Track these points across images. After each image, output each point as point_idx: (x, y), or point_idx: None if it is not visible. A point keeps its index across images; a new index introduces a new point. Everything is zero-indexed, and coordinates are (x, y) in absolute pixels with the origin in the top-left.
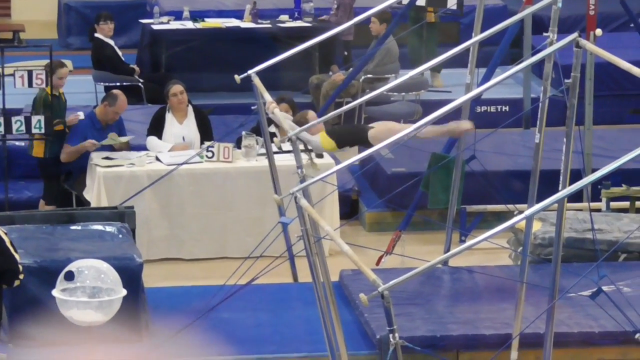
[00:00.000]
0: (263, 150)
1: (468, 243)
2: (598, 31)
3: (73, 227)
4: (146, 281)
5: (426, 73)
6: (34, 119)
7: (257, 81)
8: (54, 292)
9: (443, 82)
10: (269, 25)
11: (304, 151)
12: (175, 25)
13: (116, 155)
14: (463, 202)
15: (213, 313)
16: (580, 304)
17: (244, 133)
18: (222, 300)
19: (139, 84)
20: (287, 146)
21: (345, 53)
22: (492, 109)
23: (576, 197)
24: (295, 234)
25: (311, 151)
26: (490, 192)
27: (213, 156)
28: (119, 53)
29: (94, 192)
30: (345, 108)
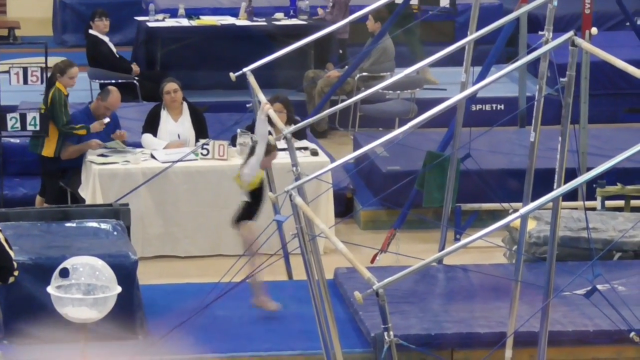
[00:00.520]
0: None
1: (463, 241)
2: (593, 30)
3: (68, 225)
4: (141, 278)
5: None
6: (29, 116)
7: (252, 79)
8: (49, 289)
9: (434, 76)
10: (265, 23)
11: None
12: (170, 22)
13: (111, 152)
14: (458, 201)
15: (208, 310)
16: (574, 303)
17: (239, 131)
18: (217, 297)
19: (134, 81)
20: (282, 144)
21: (340, 51)
22: (488, 108)
23: (571, 196)
24: (290, 232)
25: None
26: (485, 191)
27: (208, 154)
28: (114, 50)
29: (89, 190)
30: (340, 106)
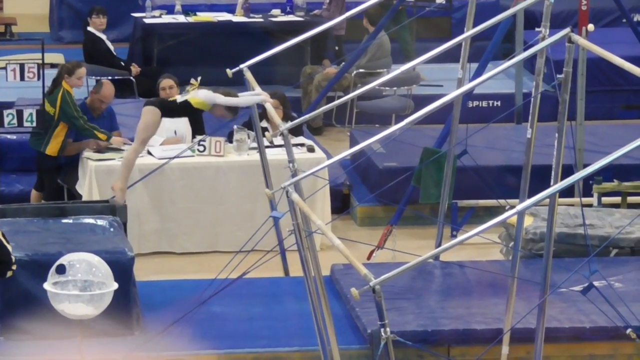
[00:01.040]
0: (255, 144)
1: (459, 238)
2: (590, 26)
3: (65, 221)
4: (137, 275)
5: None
6: (26, 112)
7: (249, 75)
8: (46, 286)
9: (422, 73)
10: (261, 19)
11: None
12: (167, 19)
13: (108, 149)
14: (454, 197)
15: (204, 307)
16: (571, 299)
17: (236, 127)
18: (214, 294)
19: (131, 78)
20: (279, 140)
21: (336, 48)
22: (484, 104)
23: (568, 193)
24: (286, 228)
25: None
26: (481, 187)
27: (205, 150)
28: (111, 47)
29: (86, 186)
30: (337, 102)
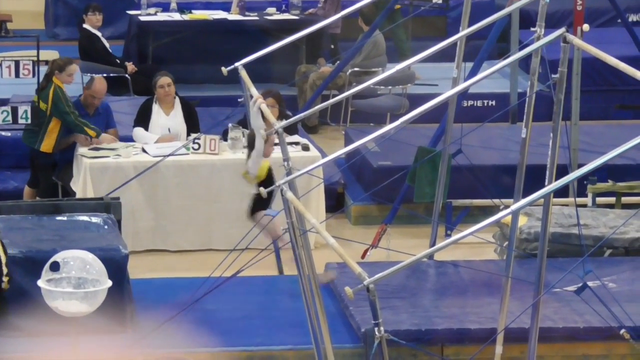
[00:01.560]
0: None
1: (454, 237)
2: (585, 26)
3: (59, 218)
4: (131, 272)
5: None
6: (21, 109)
7: (244, 74)
8: (40, 283)
9: (417, 72)
10: (257, 17)
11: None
12: (162, 16)
13: (102, 146)
14: (449, 196)
15: (198, 305)
16: (565, 299)
17: (231, 125)
18: (208, 292)
19: (126, 75)
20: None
21: (332, 46)
22: (479, 104)
23: (562, 192)
24: (281, 227)
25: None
26: (476, 187)
27: (199, 148)
28: (106, 44)
29: (80, 183)
30: (332, 101)
